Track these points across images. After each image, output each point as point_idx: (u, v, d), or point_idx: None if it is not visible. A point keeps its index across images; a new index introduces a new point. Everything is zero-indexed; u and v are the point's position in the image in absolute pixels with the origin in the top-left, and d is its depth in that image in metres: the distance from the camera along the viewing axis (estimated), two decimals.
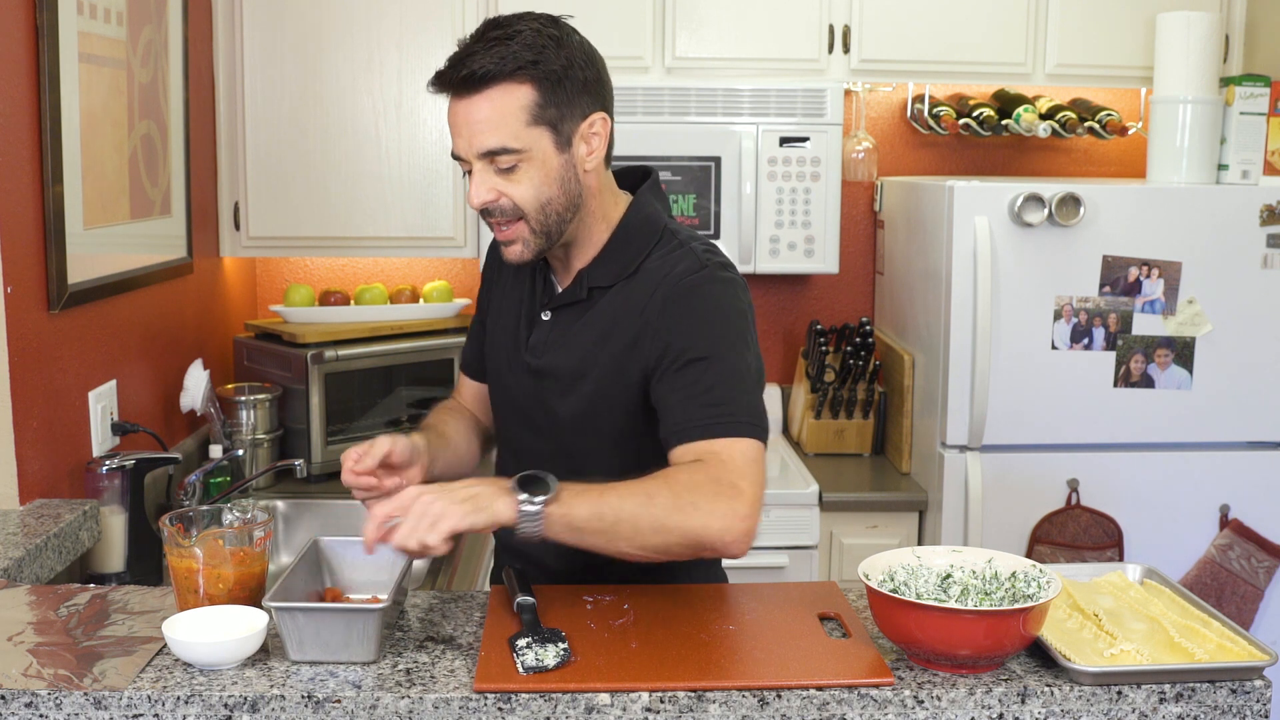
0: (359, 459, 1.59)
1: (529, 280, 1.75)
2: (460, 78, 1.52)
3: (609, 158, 1.67)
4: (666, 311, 1.59)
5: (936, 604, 1.36)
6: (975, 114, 3.26)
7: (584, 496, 1.44)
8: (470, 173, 1.58)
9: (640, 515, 1.44)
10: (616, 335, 1.63)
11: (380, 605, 1.40)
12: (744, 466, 1.50)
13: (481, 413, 1.93)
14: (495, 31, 1.54)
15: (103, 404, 2.26)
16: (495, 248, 1.81)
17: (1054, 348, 2.84)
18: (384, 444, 1.60)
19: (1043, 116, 3.26)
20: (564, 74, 1.54)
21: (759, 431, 1.54)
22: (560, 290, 1.72)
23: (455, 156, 1.59)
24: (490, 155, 1.54)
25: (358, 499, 1.63)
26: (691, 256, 1.64)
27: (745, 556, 1.56)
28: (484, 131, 1.53)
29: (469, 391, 1.94)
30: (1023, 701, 1.36)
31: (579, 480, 1.46)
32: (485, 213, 1.60)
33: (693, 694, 1.34)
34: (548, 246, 1.63)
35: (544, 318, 1.71)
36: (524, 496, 1.41)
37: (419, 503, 1.40)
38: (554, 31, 1.56)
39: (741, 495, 1.48)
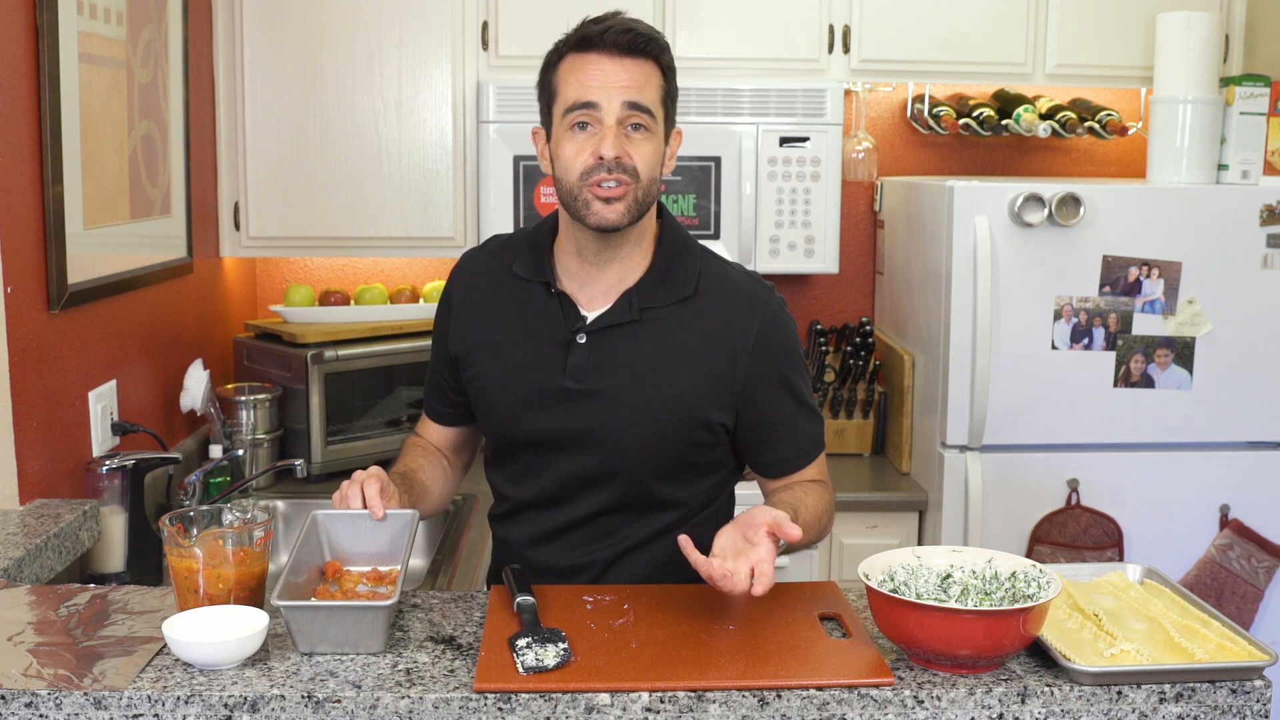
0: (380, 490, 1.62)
1: (536, 312, 1.72)
2: (625, 39, 1.62)
3: None
4: (768, 337, 1.71)
5: (936, 604, 1.36)
6: (975, 114, 3.26)
7: (798, 515, 1.62)
8: (583, 127, 1.62)
9: (821, 520, 1.73)
10: (694, 356, 1.69)
11: (389, 601, 1.40)
12: (826, 466, 1.84)
13: (452, 452, 1.92)
14: (634, 22, 1.65)
15: (103, 404, 2.26)
16: (465, 280, 1.79)
17: (1054, 348, 2.84)
18: (382, 479, 1.64)
19: (1043, 116, 3.26)
20: (674, 79, 1.70)
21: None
22: (593, 313, 1.70)
23: (580, 108, 1.61)
24: (634, 110, 1.62)
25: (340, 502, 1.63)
26: (754, 281, 1.77)
27: None
28: (635, 88, 1.62)
29: (437, 433, 1.92)
30: (1023, 701, 1.36)
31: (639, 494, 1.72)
32: (598, 170, 1.61)
33: (693, 694, 1.34)
34: (636, 220, 1.66)
35: (579, 341, 1.69)
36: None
37: (766, 563, 1.46)
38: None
39: (831, 490, 1.83)
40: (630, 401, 1.68)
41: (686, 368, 1.68)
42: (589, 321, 1.70)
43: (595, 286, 1.70)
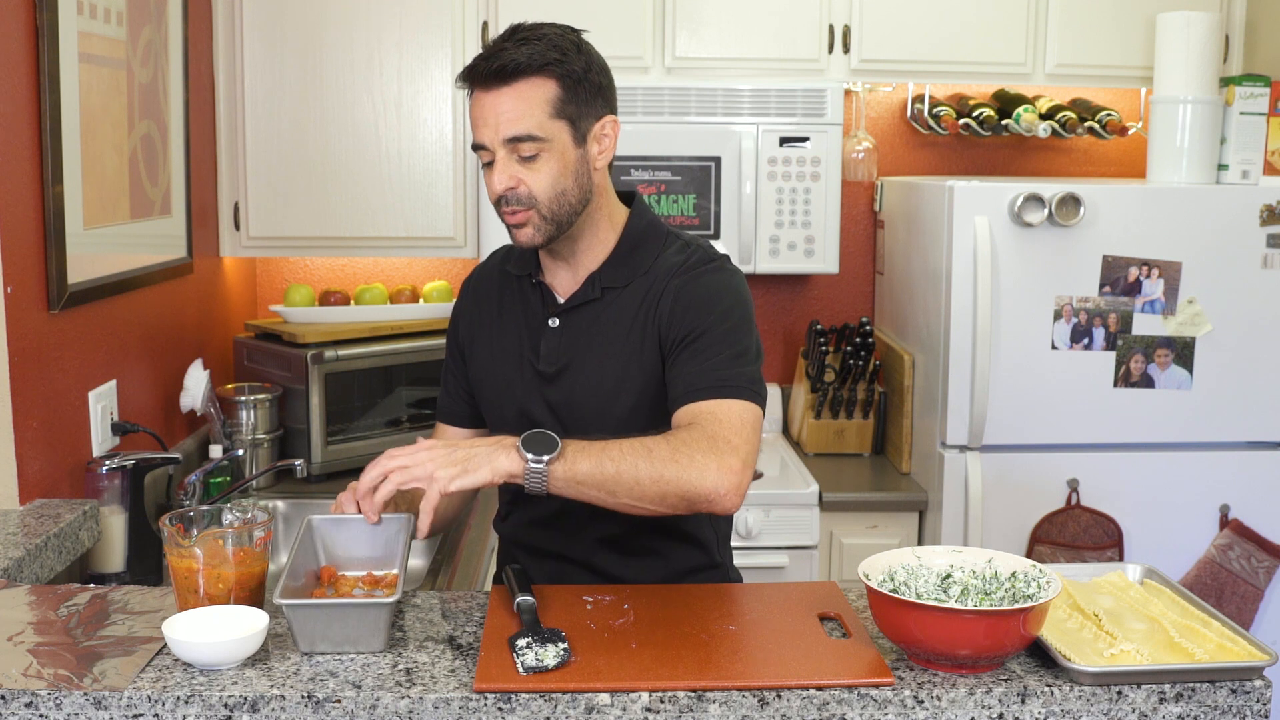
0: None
1: (521, 302, 1.82)
2: (492, 70, 1.62)
3: (611, 163, 1.78)
4: (679, 299, 1.70)
5: (936, 604, 1.36)
6: (975, 114, 3.26)
7: (586, 452, 1.51)
8: (490, 164, 1.67)
9: (640, 469, 1.50)
10: (635, 327, 1.73)
11: (390, 599, 1.41)
12: (738, 425, 1.58)
13: None
14: (523, 33, 1.65)
15: (103, 404, 2.26)
16: (473, 285, 1.91)
17: (1054, 348, 2.84)
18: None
19: (1043, 116, 3.26)
20: (583, 75, 1.66)
21: (755, 396, 1.63)
22: (564, 299, 1.78)
23: (477, 148, 1.68)
24: (515, 142, 1.63)
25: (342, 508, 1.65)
26: (700, 252, 1.77)
27: (742, 555, 1.63)
28: (511, 119, 1.63)
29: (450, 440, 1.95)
30: (1023, 701, 1.36)
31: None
32: (501, 201, 1.68)
33: (693, 694, 1.34)
34: (557, 234, 1.70)
35: (551, 325, 1.77)
36: (530, 455, 1.48)
37: (417, 457, 1.50)
38: (574, 38, 1.69)
39: (735, 451, 1.54)
40: (589, 377, 1.74)
41: (633, 342, 1.73)
42: (561, 305, 1.78)
43: (568, 276, 1.79)
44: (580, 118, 1.67)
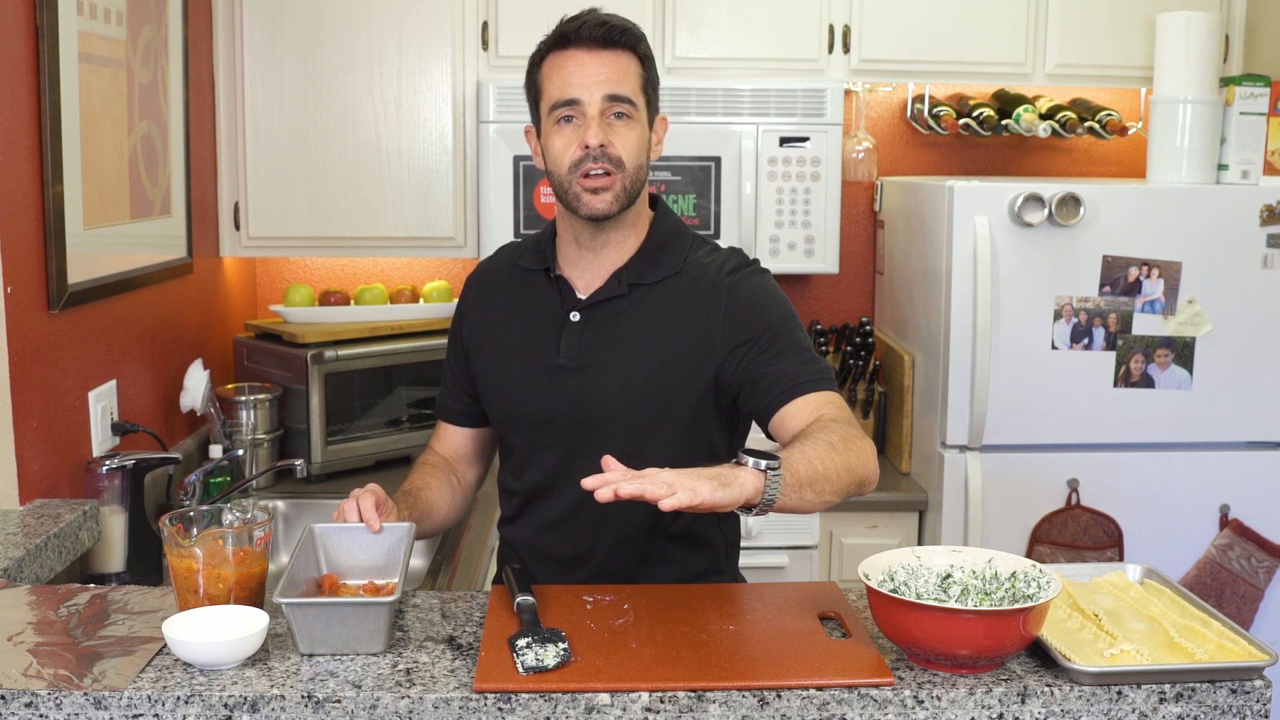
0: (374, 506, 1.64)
1: (535, 297, 1.80)
2: (601, 33, 1.68)
3: None
4: (735, 302, 1.73)
5: (936, 604, 1.36)
6: (975, 114, 3.26)
7: (794, 457, 1.49)
8: (569, 121, 1.68)
9: (835, 463, 1.52)
10: (674, 329, 1.73)
11: (391, 598, 1.41)
12: (851, 413, 1.68)
13: (463, 462, 1.95)
14: (609, 16, 1.72)
15: (103, 404, 2.26)
16: (478, 281, 1.90)
17: (1054, 348, 2.84)
18: (378, 494, 1.66)
19: (1043, 116, 3.26)
20: (654, 67, 1.76)
21: (838, 388, 1.76)
22: (584, 294, 1.77)
23: (565, 104, 1.68)
24: (615, 101, 1.67)
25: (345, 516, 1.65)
26: (737, 256, 1.80)
27: (743, 555, 1.75)
28: (614, 79, 1.68)
29: (450, 441, 1.95)
30: (1023, 701, 1.36)
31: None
32: (584, 161, 1.67)
33: (693, 694, 1.34)
34: (625, 208, 1.72)
35: (573, 319, 1.76)
36: (766, 464, 1.42)
37: (664, 474, 1.37)
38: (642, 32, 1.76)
39: (867, 436, 1.63)
40: (617, 373, 1.73)
41: (669, 340, 1.72)
42: (583, 300, 1.77)
43: (591, 270, 1.78)
44: (651, 102, 1.74)
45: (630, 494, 1.35)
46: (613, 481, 1.36)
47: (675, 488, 1.34)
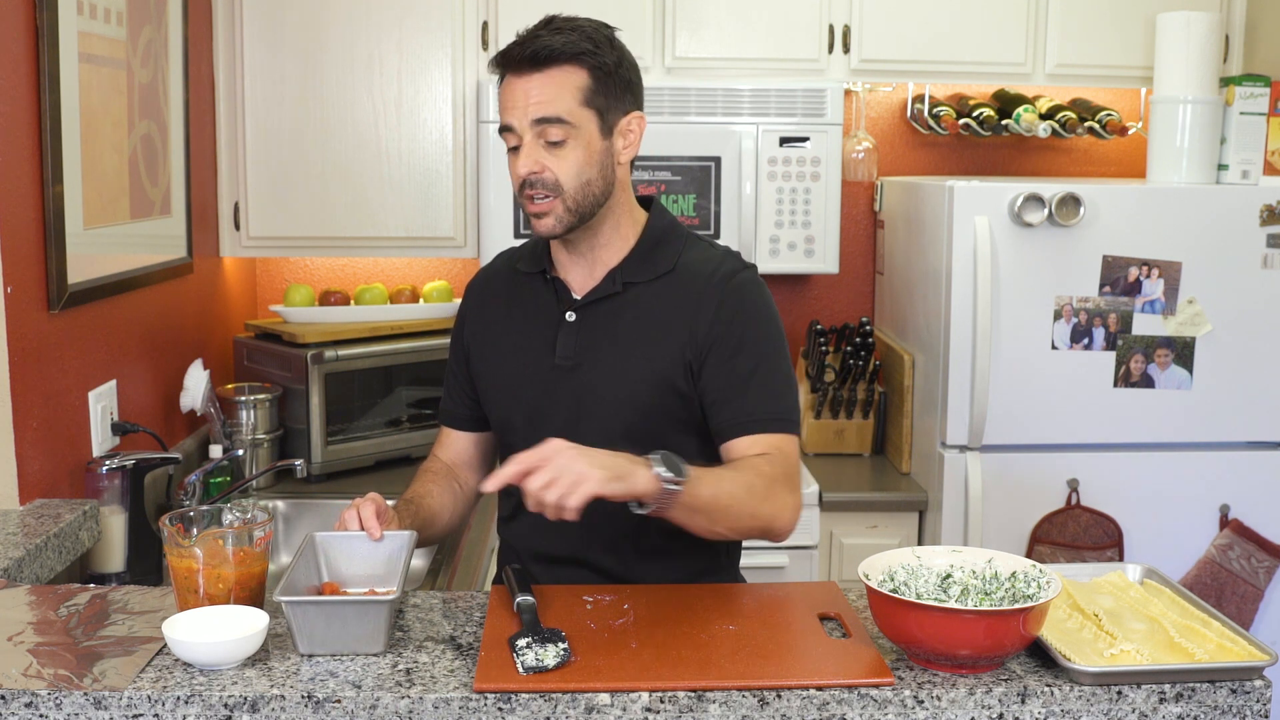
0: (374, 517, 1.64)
1: (532, 298, 1.82)
2: (526, 55, 1.66)
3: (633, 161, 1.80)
4: (720, 305, 1.72)
5: (936, 604, 1.36)
6: (975, 114, 3.26)
7: (703, 481, 1.53)
8: (516, 150, 1.69)
9: (741, 502, 1.58)
10: (666, 327, 1.73)
11: (390, 597, 1.41)
12: (797, 463, 1.70)
13: (466, 468, 1.95)
14: (558, 23, 1.69)
15: (103, 404, 2.26)
16: (478, 286, 1.92)
17: (1054, 348, 2.84)
18: (379, 503, 1.67)
19: (1043, 116, 3.26)
20: (614, 69, 1.70)
21: (799, 430, 1.75)
22: (579, 294, 1.78)
23: (504, 130, 1.69)
24: (543, 124, 1.65)
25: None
26: (733, 258, 1.79)
27: (745, 556, 1.74)
28: (540, 103, 1.65)
29: (452, 446, 1.95)
30: (1023, 701, 1.36)
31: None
32: (525, 185, 1.69)
33: (693, 694, 1.34)
34: (578, 225, 1.71)
35: (569, 319, 1.77)
36: (668, 475, 1.48)
37: (562, 457, 1.43)
38: (608, 33, 1.72)
39: (799, 491, 1.68)
40: (609, 370, 1.74)
41: (660, 338, 1.73)
42: (578, 300, 1.78)
43: (585, 271, 1.79)
44: (608, 110, 1.69)
45: (498, 488, 1.46)
46: (497, 475, 1.45)
47: (557, 483, 1.40)
